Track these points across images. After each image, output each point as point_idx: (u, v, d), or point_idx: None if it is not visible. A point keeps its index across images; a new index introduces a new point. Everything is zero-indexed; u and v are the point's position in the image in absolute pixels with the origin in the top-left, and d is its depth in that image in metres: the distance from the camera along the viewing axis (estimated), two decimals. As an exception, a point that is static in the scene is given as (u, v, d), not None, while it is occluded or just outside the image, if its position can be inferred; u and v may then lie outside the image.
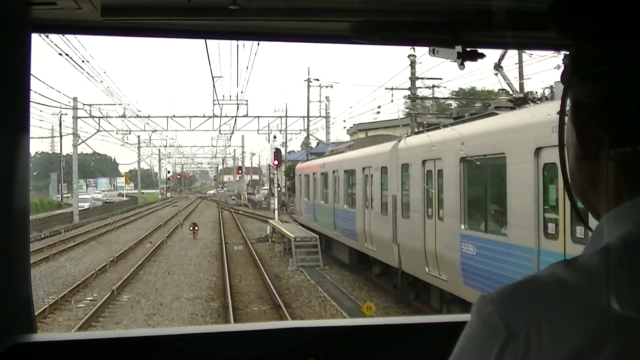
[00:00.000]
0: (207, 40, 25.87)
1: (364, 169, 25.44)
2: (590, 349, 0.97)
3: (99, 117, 61.58)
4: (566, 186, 1.22)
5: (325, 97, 62.84)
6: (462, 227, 15.67)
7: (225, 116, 62.39)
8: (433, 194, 17.77)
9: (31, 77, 2.51)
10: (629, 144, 1.07)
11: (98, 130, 62.43)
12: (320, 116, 63.08)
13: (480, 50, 2.38)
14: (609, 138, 1.08)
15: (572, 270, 1.05)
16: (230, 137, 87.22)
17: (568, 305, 1.00)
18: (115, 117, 61.70)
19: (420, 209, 18.63)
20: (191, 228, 44.65)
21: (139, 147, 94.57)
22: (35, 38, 2.49)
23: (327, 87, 65.50)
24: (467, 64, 2.40)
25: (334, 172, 31.11)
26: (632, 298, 0.98)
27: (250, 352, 2.60)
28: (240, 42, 38.31)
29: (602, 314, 0.98)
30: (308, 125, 65.66)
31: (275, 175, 46.19)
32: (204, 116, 62.07)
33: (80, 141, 63.76)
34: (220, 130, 65.10)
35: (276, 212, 45.92)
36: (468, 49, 2.35)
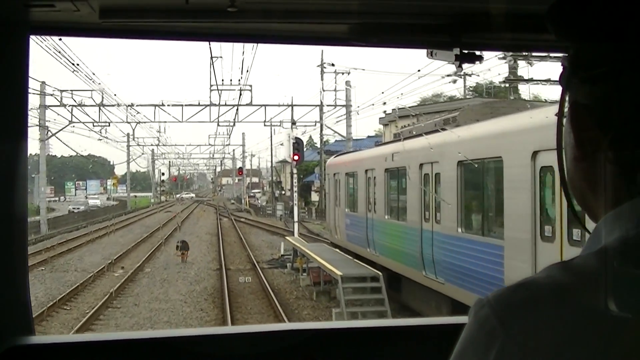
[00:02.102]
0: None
1: (535, 154, 11.18)
2: (587, 351, 0.93)
3: (72, 106, 47.45)
4: (564, 188, 1.16)
5: (346, 82, 49.02)
6: None
7: (225, 104, 48.42)
8: None
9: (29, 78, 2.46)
10: (627, 145, 1.01)
11: (71, 122, 48.34)
12: (338, 105, 49.12)
13: (478, 53, 2.27)
14: (607, 139, 1.03)
15: (569, 272, 1.00)
16: (231, 130, 72.64)
17: (565, 308, 0.95)
18: (92, 105, 47.51)
19: None
20: (179, 247, 30.51)
21: (128, 146, 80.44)
22: None
23: (343, 73, 51.52)
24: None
25: (422, 166, 17.10)
26: (630, 300, 0.93)
27: (247, 354, 2.50)
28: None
29: (599, 317, 0.93)
30: (321, 116, 51.79)
31: (295, 175, 32.15)
32: (199, 104, 48.10)
33: (49, 134, 49.68)
34: (218, 122, 50.93)
35: (296, 226, 31.79)
36: (466, 51, 2.24)
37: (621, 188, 1.04)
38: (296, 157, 30.26)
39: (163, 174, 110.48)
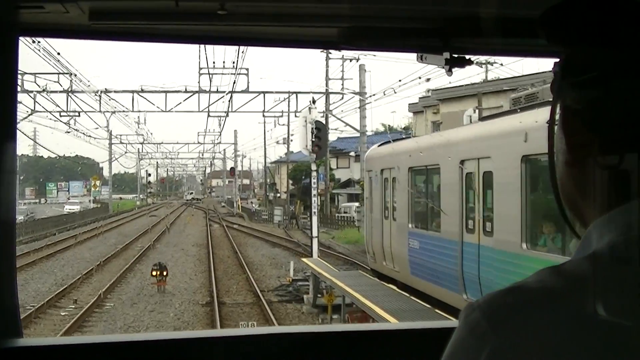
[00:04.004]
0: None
1: None
2: (578, 355, 0.91)
3: (35, 92, 38.24)
4: (555, 194, 1.13)
5: (360, 66, 39.90)
6: None
7: (217, 91, 39.22)
8: None
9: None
10: (617, 150, 1.00)
11: (34, 111, 39.10)
12: (351, 92, 39.96)
13: (468, 57, 2.19)
14: (598, 144, 1.02)
15: (560, 277, 0.98)
16: (224, 122, 62.99)
17: (555, 312, 0.93)
18: (59, 91, 38.20)
19: None
20: (155, 273, 21.16)
21: (110, 143, 70.85)
22: None
23: (352, 60, 42.58)
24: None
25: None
26: (619, 305, 0.92)
27: (240, 357, 2.41)
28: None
29: (589, 321, 0.92)
30: (327, 106, 42.92)
31: (315, 173, 22.87)
32: (186, 91, 38.80)
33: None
34: (209, 111, 41.55)
35: (315, 243, 22.49)
36: (456, 55, 2.16)
37: (611, 193, 1.01)
38: (317, 149, 20.99)
39: (149, 174, 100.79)
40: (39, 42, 35.22)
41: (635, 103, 1.00)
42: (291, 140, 63.43)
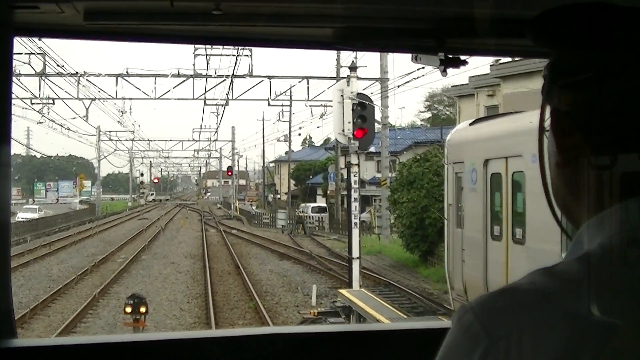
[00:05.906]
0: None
1: None
2: (570, 356, 0.91)
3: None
4: (546, 196, 1.12)
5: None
6: None
7: (216, 75, 32.63)
8: None
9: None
10: (608, 151, 0.99)
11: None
12: (371, 78, 33.49)
13: (462, 57, 2.17)
14: (589, 145, 1.01)
15: (552, 278, 0.97)
16: (223, 111, 56.12)
17: (548, 313, 0.93)
18: (30, 75, 31.67)
19: None
20: (129, 309, 14.37)
21: (99, 140, 64.11)
22: None
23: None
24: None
25: None
26: (612, 305, 0.92)
27: (235, 358, 2.35)
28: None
29: (581, 321, 0.92)
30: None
31: (355, 166, 16.32)
32: (179, 75, 32.22)
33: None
34: (205, 99, 34.88)
35: (356, 267, 15.83)
36: (450, 56, 2.14)
37: (603, 194, 1.01)
38: (360, 133, 14.49)
39: (142, 174, 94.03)
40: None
41: (624, 104, 0.98)
42: (298, 135, 57.44)
